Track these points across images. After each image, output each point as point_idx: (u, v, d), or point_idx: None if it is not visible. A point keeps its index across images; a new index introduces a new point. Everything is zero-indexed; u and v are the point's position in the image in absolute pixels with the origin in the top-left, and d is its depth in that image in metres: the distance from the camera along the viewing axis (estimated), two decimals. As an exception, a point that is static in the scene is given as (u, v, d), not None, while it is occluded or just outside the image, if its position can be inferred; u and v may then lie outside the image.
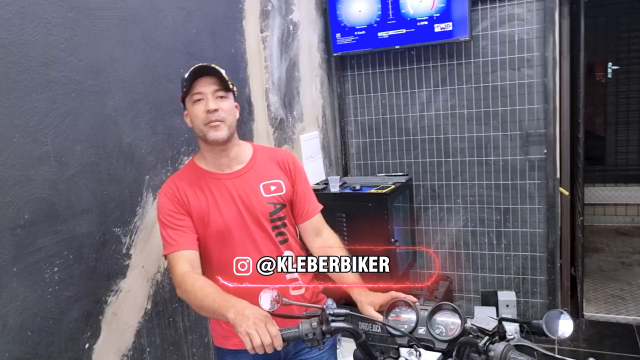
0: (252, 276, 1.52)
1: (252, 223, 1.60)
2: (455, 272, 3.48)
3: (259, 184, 1.63)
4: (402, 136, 3.47)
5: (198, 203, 1.56)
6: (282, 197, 1.66)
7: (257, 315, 1.27)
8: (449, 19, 3.05)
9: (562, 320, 1.08)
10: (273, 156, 1.73)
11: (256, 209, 1.61)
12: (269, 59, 2.80)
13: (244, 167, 1.64)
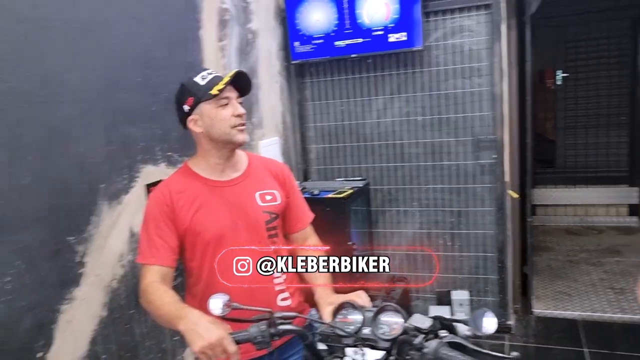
0: (243, 290, 1.55)
1: (247, 232, 1.63)
2: (412, 272, 3.59)
3: (254, 193, 1.67)
4: (360, 142, 3.56)
5: (191, 210, 1.57)
6: (277, 207, 1.70)
7: (212, 334, 1.26)
8: (403, 29, 3.16)
9: (485, 318, 1.17)
10: (267, 166, 1.78)
11: (252, 218, 1.64)
12: (227, 68, 2.83)
13: (241, 176, 1.67)
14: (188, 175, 1.63)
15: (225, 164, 1.64)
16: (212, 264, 1.58)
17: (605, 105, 5.71)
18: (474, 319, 1.17)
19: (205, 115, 1.57)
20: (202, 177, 1.62)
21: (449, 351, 1.15)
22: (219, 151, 1.61)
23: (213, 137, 1.59)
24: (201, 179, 1.62)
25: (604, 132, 5.74)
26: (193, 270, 1.63)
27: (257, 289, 1.61)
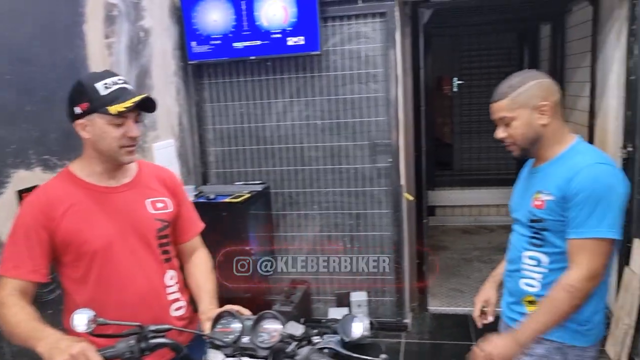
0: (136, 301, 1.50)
1: (137, 240, 1.56)
2: (312, 275, 3.61)
3: (145, 200, 1.59)
4: (260, 145, 3.53)
5: (74, 218, 1.47)
6: (169, 215, 1.63)
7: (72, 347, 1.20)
8: (301, 33, 3.17)
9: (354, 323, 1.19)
10: (157, 174, 1.70)
11: (143, 226, 1.57)
12: (115, 66, 2.69)
13: (130, 182, 1.59)
14: (70, 181, 1.53)
15: (112, 171, 1.56)
16: (101, 274, 1.50)
17: (496, 111, 6.10)
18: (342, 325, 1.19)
19: (97, 127, 1.47)
20: (86, 182, 1.53)
21: (320, 357, 1.15)
22: (103, 162, 1.54)
23: (99, 149, 1.50)
24: (85, 185, 1.53)
25: (495, 137, 6.12)
26: (76, 282, 1.52)
27: (151, 299, 1.55)
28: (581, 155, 1.57)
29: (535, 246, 1.63)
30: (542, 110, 1.57)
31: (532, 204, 1.62)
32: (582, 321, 1.57)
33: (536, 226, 1.61)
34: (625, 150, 3.04)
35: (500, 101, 1.61)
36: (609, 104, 3.39)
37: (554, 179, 1.57)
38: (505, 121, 1.61)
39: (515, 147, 1.63)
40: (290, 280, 3.51)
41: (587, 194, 1.48)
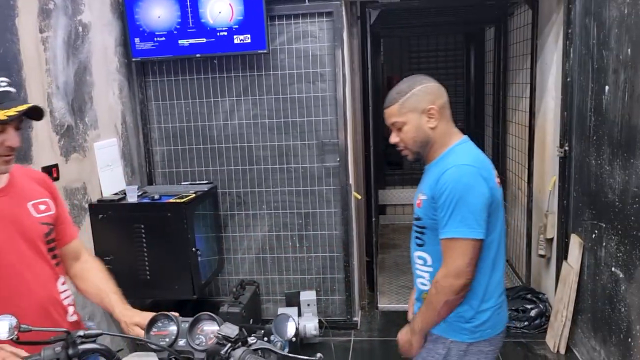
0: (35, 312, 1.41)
1: (25, 246, 1.45)
2: (262, 276, 3.59)
3: (26, 204, 1.48)
4: (207, 144, 3.47)
5: None
6: (52, 217, 1.55)
7: None
8: (248, 32, 3.14)
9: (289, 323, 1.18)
10: (31, 175, 1.60)
11: (29, 230, 1.46)
12: (51, 62, 2.59)
13: (5, 187, 1.46)
14: None
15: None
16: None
17: (444, 112, 6.23)
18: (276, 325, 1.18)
19: None
20: None
21: (254, 358, 1.14)
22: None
23: None
24: None
25: (444, 137, 6.25)
26: None
27: (50, 307, 1.48)
28: (452, 157, 1.62)
29: (419, 246, 1.70)
30: (430, 113, 1.61)
31: (416, 203, 1.69)
32: (467, 318, 1.62)
33: (418, 224, 1.68)
34: (561, 149, 3.17)
35: (390, 107, 1.64)
36: (548, 104, 3.52)
37: (430, 179, 1.64)
38: (397, 126, 1.64)
39: (408, 151, 1.67)
40: (239, 281, 3.46)
41: (448, 194, 1.53)
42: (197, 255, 2.93)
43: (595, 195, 2.79)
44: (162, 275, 2.91)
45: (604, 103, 2.64)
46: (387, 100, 1.66)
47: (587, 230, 2.91)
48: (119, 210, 2.90)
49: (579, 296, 3.04)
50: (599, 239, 2.76)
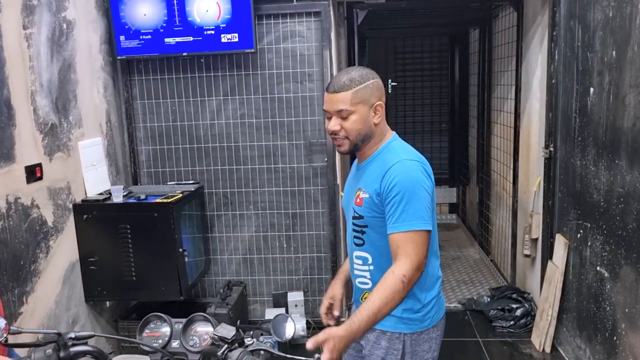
0: None
1: None
2: (249, 276, 3.56)
3: None
4: (193, 144, 3.44)
5: None
6: None
7: None
8: (235, 30, 3.11)
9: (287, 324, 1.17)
10: None
11: None
12: (35, 59, 2.53)
13: None
14: None
15: None
16: None
17: (429, 113, 6.28)
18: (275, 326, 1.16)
19: None
20: None
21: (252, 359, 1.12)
22: None
23: None
24: None
25: (428, 138, 6.30)
26: None
27: None
28: (392, 153, 1.62)
29: (359, 246, 1.68)
30: (377, 109, 1.61)
31: (354, 201, 1.66)
32: (416, 309, 1.64)
33: (358, 223, 1.65)
34: (546, 150, 3.20)
35: (341, 93, 1.57)
36: (533, 106, 3.56)
37: (370, 175, 1.63)
38: (343, 114, 1.58)
39: (347, 142, 1.62)
40: (226, 281, 3.43)
41: (399, 189, 1.53)
42: (184, 256, 2.90)
43: (580, 195, 2.82)
44: (149, 277, 2.87)
45: (589, 104, 2.68)
46: (337, 85, 1.58)
47: (572, 230, 2.95)
48: (104, 210, 2.85)
49: (564, 295, 3.08)
50: (584, 239, 2.79)
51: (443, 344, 1.78)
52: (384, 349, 1.67)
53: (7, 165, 2.29)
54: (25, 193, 2.42)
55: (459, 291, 4.16)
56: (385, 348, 1.66)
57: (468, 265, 4.76)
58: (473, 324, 3.61)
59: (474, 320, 3.66)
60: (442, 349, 1.74)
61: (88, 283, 2.88)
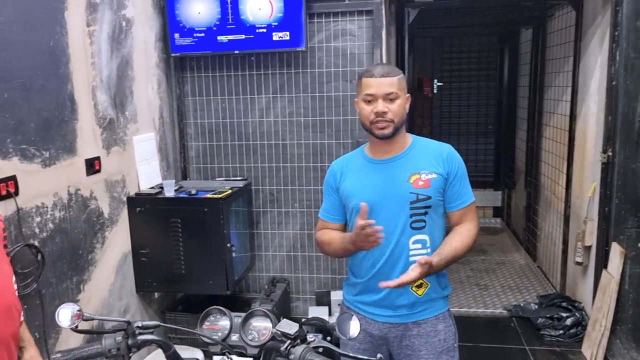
0: None
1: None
2: (292, 274, 3.58)
3: None
4: (242, 141, 3.48)
5: None
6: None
7: None
8: (287, 29, 3.13)
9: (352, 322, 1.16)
10: None
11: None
12: (96, 55, 2.61)
13: None
14: None
15: None
16: None
17: (475, 114, 6.17)
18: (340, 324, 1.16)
19: None
20: None
21: (315, 356, 1.12)
22: None
23: None
24: None
25: (474, 140, 6.19)
26: None
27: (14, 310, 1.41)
28: (431, 142, 1.86)
29: (419, 229, 1.75)
30: (408, 100, 1.78)
31: (414, 185, 1.74)
32: (446, 285, 1.86)
33: (421, 205, 1.73)
34: (605, 154, 3.09)
35: (392, 77, 1.71)
36: (590, 109, 3.45)
37: (420, 161, 1.77)
38: (392, 97, 1.70)
39: (392, 124, 1.72)
40: (270, 278, 3.46)
41: (462, 169, 1.79)
42: (231, 251, 2.94)
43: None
44: (197, 270, 2.92)
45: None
46: (383, 71, 1.72)
47: (631, 238, 2.83)
48: (156, 204, 2.92)
49: (618, 306, 2.96)
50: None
51: (487, 350, 1.86)
52: (442, 330, 1.81)
53: (69, 158, 2.37)
54: (85, 185, 2.50)
55: (504, 297, 4.07)
56: (444, 327, 1.81)
57: (514, 271, 4.65)
58: (519, 331, 3.52)
59: (521, 328, 3.57)
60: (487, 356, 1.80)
61: (139, 274, 2.95)
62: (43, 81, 2.22)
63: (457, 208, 1.78)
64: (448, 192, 1.77)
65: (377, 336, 1.83)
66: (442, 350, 1.80)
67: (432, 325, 1.80)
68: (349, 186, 1.85)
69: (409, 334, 1.79)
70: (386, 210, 1.75)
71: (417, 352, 1.79)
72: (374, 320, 1.82)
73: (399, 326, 1.80)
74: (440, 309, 1.82)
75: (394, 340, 1.82)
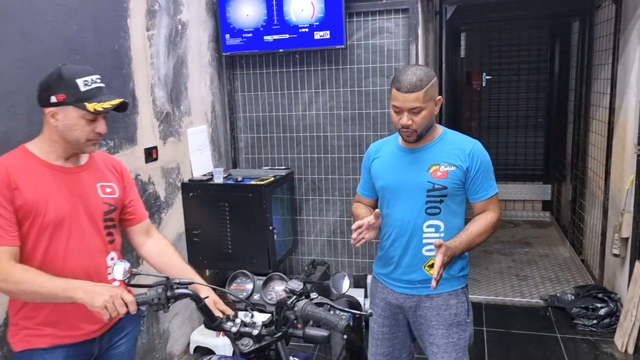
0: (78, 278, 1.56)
1: (86, 219, 1.67)
2: (332, 257, 3.81)
3: (96, 184, 1.72)
4: (286, 133, 3.75)
5: (30, 192, 1.55)
6: (115, 199, 1.77)
7: (109, 290, 1.44)
8: (327, 28, 3.36)
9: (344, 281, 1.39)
10: (106, 161, 1.84)
11: (92, 206, 1.69)
12: (155, 56, 2.95)
13: (84, 165, 1.71)
14: (28, 157, 1.61)
15: (70, 155, 1.67)
16: (49, 248, 1.59)
17: (524, 107, 6.14)
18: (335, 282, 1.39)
19: (68, 118, 1.57)
20: (44, 160, 1.62)
21: (314, 308, 1.35)
22: (65, 149, 1.64)
23: (65, 138, 1.60)
24: (43, 163, 1.61)
25: (523, 133, 6.17)
26: (25, 253, 1.58)
27: (94, 277, 1.64)
28: (459, 136, 1.97)
29: (433, 215, 1.91)
30: (438, 103, 1.88)
31: (432, 175, 1.89)
32: (463, 267, 2.01)
33: (436, 194, 1.89)
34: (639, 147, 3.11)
35: (416, 93, 1.79)
36: (629, 102, 3.44)
37: (443, 154, 1.91)
38: (416, 111, 1.81)
39: (415, 133, 1.86)
40: (311, 261, 3.71)
41: (486, 164, 1.92)
42: (273, 233, 3.20)
43: (670, 194, 2.73)
44: (242, 250, 3.21)
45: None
46: (410, 85, 1.79)
47: (661, 229, 2.85)
48: (207, 189, 3.23)
49: (650, 296, 2.99)
50: (672, 239, 2.71)
51: (519, 337, 1.95)
52: (454, 305, 1.96)
53: (130, 147, 2.72)
54: (144, 171, 2.84)
55: (542, 287, 4.12)
56: (456, 302, 1.97)
57: (556, 264, 4.66)
58: (553, 320, 3.59)
59: (555, 317, 3.63)
60: (519, 341, 1.94)
61: (192, 252, 3.29)
62: (109, 80, 2.55)
63: (479, 200, 1.93)
64: (471, 185, 1.91)
65: (395, 304, 2.02)
66: (452, 323, 1.97)
67: (444, 300, 1.96)
68: (377, 168, 2.04)
69: (422, 305, 1.97)
70: (405, 195, 1.94)
71: (429, 322, 1.97)
72: (392, 290, 2.02)
73: (414, 297, 1.98)
74: (454, 286, 1.98)
75: (409, 309, 2.00)
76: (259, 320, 1.54)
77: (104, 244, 1.73)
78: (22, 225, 1.56)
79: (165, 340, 3.07)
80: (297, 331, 1.49)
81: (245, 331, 1.51)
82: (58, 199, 1.61)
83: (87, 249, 1.67)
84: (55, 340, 1.64)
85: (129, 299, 1.44)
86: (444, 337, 1.96)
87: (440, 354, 1.97)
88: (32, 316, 1.63)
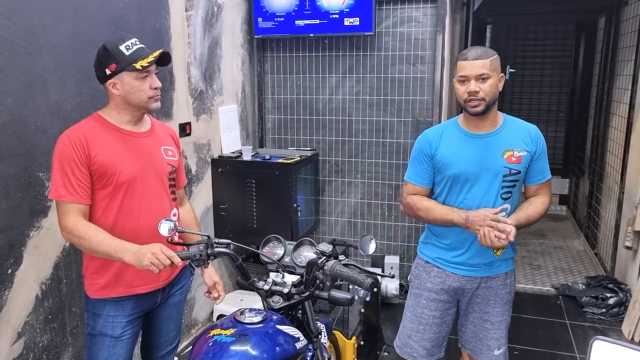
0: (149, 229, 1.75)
1: (155, 178, 1.85)
2: (352, 238, 3.96)
3: (160, 147, 1.92)
4: (313, 115, 3.88)
5: (105, 154, 1.72)
6: (175, 162, 1.96)
7: (150, 248, 1.61)
8: (357, 15, 3.47)
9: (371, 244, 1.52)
10: (164, 128, 2.04)
11: (159, 167, 1.87)
12: (192, 36, 3.09)
13: (149, 131, 1.90)
14: (102, 123, 1.78)
15: (137, 120, 1.85)
16: (124, 203, 1.77)
17: (547, 101, 6.18)
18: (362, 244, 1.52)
19: (126, 83, 1.73)
20: (116, 126, 1.79)
21: (342, 268, 1.50)
22: (132, 112, 1.81)
23: (130, 102, 1.77)
24: (115, 128, 1.79)
25: (544, 127, 6.20)
26: (100, 207, 1.76)
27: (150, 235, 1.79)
28: (520, 121, 2.02)
29: (507, 199, 1.95)
30: (501, 79, 1.92)
31: (507, 160, 1.92)
32: (515, 249, 2.11)
33: (511, 179, 1.93)
34: (657, 142, 3.18)
35: (483, 60, 1.84)
36: (650, 97, 3.51)
37: (512, 139, 1.94)
38: (483, 77, 1.84)
39: (484, 102, 1.86)
40: (331, 239, 3.85)
41: (545, 148, 2.00)
42: (297, 211, 3.36)
43: (684, 188, 2.81)
44: (267, 225, 3.37)
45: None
46: (476, 54, 1.85)
47: (673, 222, 2.94)
48: (235, 165, 3.39)
49: (659, 287, 3.08)
50: (683, 232, 2.79)
51: (530, 321, 2.05)
52: (508, 284, 2.09)
53: (166, 121, 2.88)
54: (178, 145, 3.00)
55: (554, 277, 4.22)
56: (510, 283, 2.10)
57: (570, 255, 4.75)
58: (564, 308, 3.70)
59: (565, 305, 3.74)
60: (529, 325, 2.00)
61: (218, 225, 3.45)
62: (151, 57, 2.71)
63: (537, 183, 1.98)
64: (532, 168, 1.96)
65: (454, 288, 2.06)
66: (506, 301, 2.09)
67: (502, 280, 2.06)
68: (446, 154, 1.98)
69: (483, 285, 2.05)
70: (481, 181, 1.94)
71: (487, 301, 2.07)
72: (454, 273, 2.04)
73: (475, 279, 2.04)
74: (510, 266, 2.09)
75: (469, 291, 2.07)
76: (289, 281, 1.69)
77: (169, 200, 1.91)
78: (98, 185, 1.73)
79: (191, 307, 3.25)
80: (323, 293, 1.64)
81: (276, 289, 1.67)
82: (130, 160, 1.78)
83: (157, 205, 1.84)
84: (128, 291, 1.81)
85: (169, 253, 1.60)
86: (499, 315, 2.07)
87: (493, 330, 2.08)
88: (101, 275, 1.81)
